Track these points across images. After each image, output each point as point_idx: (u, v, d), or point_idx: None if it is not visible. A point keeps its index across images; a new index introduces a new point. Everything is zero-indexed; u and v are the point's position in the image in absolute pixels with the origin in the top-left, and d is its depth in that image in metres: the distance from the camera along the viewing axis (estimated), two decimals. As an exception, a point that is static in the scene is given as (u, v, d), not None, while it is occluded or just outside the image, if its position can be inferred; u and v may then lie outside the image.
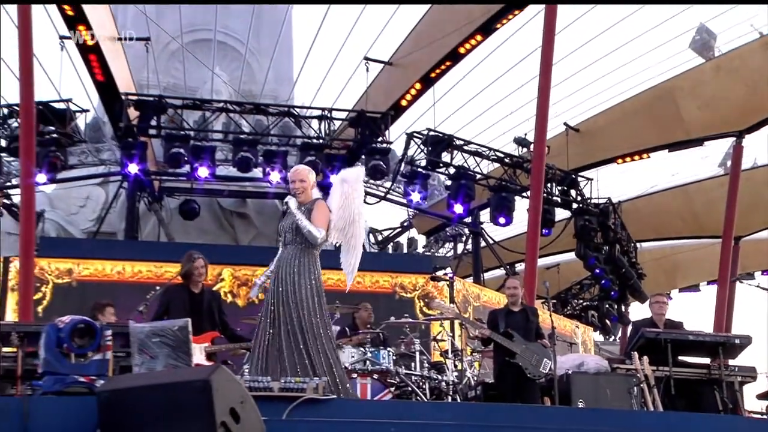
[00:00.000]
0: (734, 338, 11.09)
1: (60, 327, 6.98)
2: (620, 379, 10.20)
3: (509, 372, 10.39)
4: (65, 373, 6.95)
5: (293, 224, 7.94)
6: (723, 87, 19.06)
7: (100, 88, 17.46)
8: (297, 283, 7.90)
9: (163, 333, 7.18)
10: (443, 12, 17.22)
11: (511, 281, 11.35)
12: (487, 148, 19.19)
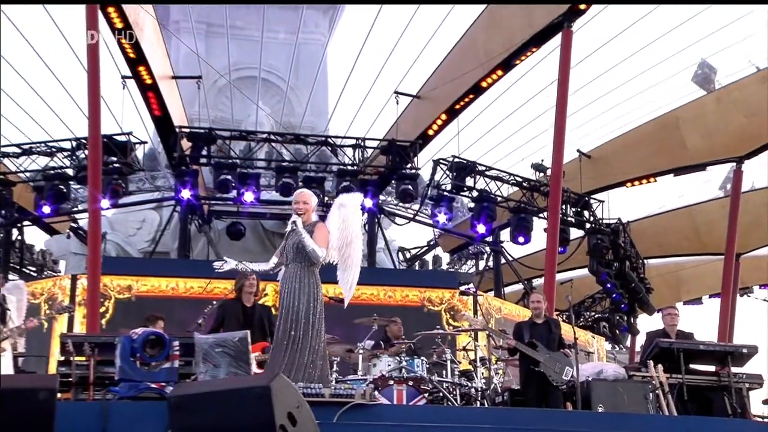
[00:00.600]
0: (742, 348, 11.05)
1: (133, 338, 7.08)
2: (637, 385, 10.16)
3: (534, 379, 10.40)
4: (138, 380, 7.04)
5: (295, 245, 8.02)
6: (723, 117, 18.93)
7: (157, 121, 17.60)
8: (299, 299, 7.97)
9: (225, 344, 7.22)
10: (466, 50, 17.21)
11: (534, 296, 11.37)
12: (507, 173, 19.16)
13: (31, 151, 17.57)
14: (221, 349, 7.20)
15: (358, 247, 8.58)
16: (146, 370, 7.03)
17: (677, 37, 17.88)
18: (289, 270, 8.10)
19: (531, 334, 10.55)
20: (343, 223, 8.36)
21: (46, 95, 19.24)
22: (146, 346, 7.07)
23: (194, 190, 17.74)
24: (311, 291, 8.08)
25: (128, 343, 7.06)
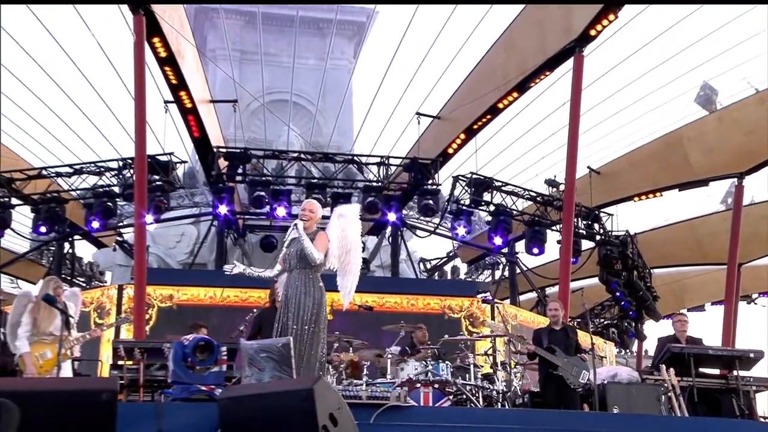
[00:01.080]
0: (749, 352, 10.98)
1: (185, 344, 7.09)
2: (650, 388, 10.10)
3: (552, 382, 10.33)
4: (190, 383, 7.06)
5: (297, 252, 7.96)
6: (724, 135, 18.80)
7: (196, 142, 17.73)
8: (303, 302, 7.89)
9: (270, 349, 7.20)
10: (484, 73, 17.24)
11: (552, 304, 11.31)
12: (522, 189, 19.12)
13: (82, 171, 17.61)
14: (266, 354, 7.19)
15: (358, 254, 8.53)
16: (196, 373, 7.01)
17: (681, 61, 17.85)
18: (293, 276, 8.04)
19: (549, 340, 10.52)
20: (342, 232, 8.35)
21: (95, 119, 19.39)
22: (196, 351, 7.08)
23: (231, 205, 17.86)
24: (315, 295, 7.99)
25: (180, 348, 7.09)
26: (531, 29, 15.80)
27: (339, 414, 6.32)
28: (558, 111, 17.92)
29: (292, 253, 8.07)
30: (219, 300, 16.32)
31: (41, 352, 8.56)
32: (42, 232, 17.72)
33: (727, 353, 11.05)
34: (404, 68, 19.29)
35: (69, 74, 18.40)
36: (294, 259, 8.02)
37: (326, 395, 6.31)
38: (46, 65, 18.23)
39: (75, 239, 19.30)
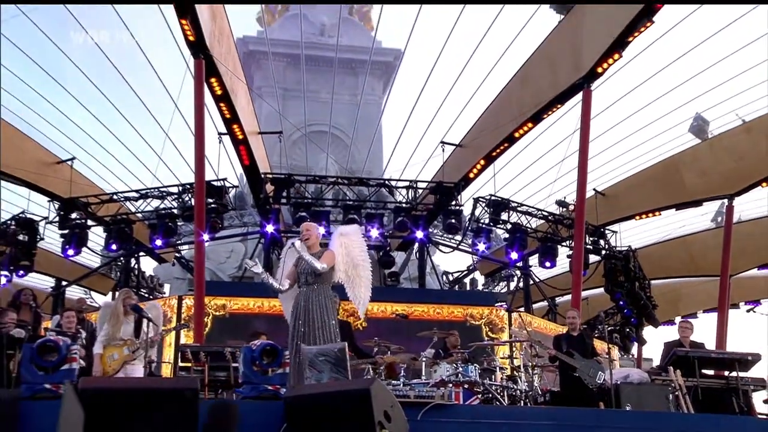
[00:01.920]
0: (747, 356, 10.90)
1: (253, 349, 7.09)
2: (658, 387, 10.06)
3: (571, 383, 10.33)
4: (258, 383, 7.06)
5: (308, 269, 7.98)
6: (715, 161, 18.75)
7: (246, 169, 17.71)
8: (315, 311, 7.91)
9: (327, 353, 7.19)
10: (501, 106, 17.18)
11: (570, 312, 11.31)
12: (536, 209, 19.12)
13: (147, 195, 17.77)
14: (324, 358, 7.17)
15: (366, 268, 8.53)
16: (263, 374, 7.02)
17: (676, 95, 17.74)
18: (307, 289, 8.05)
19: (568, 345, 10.52)
20: (345, 249, 8.35)
21: (158, 149, 19.55)
22: (263, 355, 7.09)
23: (276, 225, 17.87)
24: (325, 304, 8.04)
25: (249, 352, 7.10)
26: (544, 66, 15.75)
27: (392, 411, 6.35)
28: (568, 139, 17.89)
29: (304, 270, 8.09)
30: (266, 309, 16.32)
31: (111, 353, 8.64)
32: (113, 250, 17.82)
33: (727, 356, 10.94)
34: (429, 102, 19.35)
35: (136, 110, 18.68)
36: (308, 276, 8.05)
37: (381, 394, 6.34)
38: (117, 102, 18.53)
39: (140, 255, 19.44)
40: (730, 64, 16.50)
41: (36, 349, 6.66)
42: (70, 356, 6.76)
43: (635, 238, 21.07)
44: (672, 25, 15.21)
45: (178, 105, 17.67)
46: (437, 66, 18.10)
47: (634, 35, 13.44)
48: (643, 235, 21.95)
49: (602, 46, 13.83)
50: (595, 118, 15.40)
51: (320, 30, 23.76)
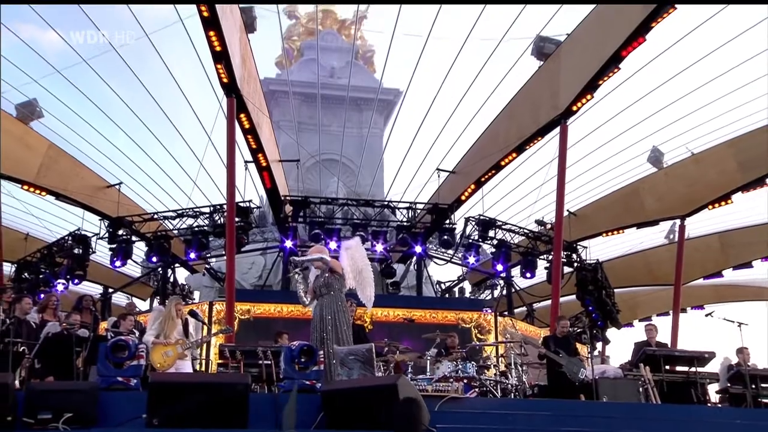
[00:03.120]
0: (705, 353, 11.01)
1: (293, 348, 7.12)
2: (631, 381, 10.18)
3: (557, 377, 10.42)
4: (297, 378, 7.06)
5: (324, 283, 8.38)
6: (670, 187, 18.90)
7: (268, 192, 17.67)
8: (327, 319, 8.22)
9: (357, 353, 7.27)
10: (490, 138, 17.21)
11: (564, 321, 11.46)
12: (518, 227, 19.14)
13: (182, 215, 17.82)
14: (354, 357, 7.25)
15: (368, 271, 8.93)
16: (301, 371, 7.06)
17: (637, 130, 17.86)
18: (323, 299, 8.39)
19: (556, 344, 10.60)
20: (351, 259, 8.72)
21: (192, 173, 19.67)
22: (301, 355, 7.12)
23: (294, 240, 17.84)
24: (339, 310, 8.34)
25: (289, 351, 7.14)
26: (527, 105, 15.82)
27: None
28: (546, 167, 17.94)
29: (319, 283, 8.47)
30: (285, 313, 16.34)
31: (165, 350, 8.67)
32: (153, 262, 17.87)
33: (688, 354, 11.05)
34: (426, 134, 19.37)
35: (173, 140, 18.81)
36: (322, 288, 8.43)
37: (406, 388, 6.40)
38: (157, 133, 18.62)
39: (175, 267, 19.41)
40: (683, 104, 16.64)
41: (110, 347, 6.70)
42: (138, 354, 6.81)
43: (602, 252, 21.07)
44: (635, 71, 15.36)
45: (210, 136, 17.81)
46: (433, 104, 18.21)
47: (603, 79, 13.61)
48: (608, 249, 21.96)
49: (576, 88, 13.98)
50: (570, 149, 15.52)
51: (330, 72, 23.82)
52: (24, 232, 19.24)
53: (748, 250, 21.53)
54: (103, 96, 16.76)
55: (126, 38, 14.64)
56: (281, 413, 6.09)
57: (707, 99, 16.24)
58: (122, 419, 6.01)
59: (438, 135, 18.66)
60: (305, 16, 26.69)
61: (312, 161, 21.86)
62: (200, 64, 15.53)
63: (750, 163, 17.48)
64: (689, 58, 15.35)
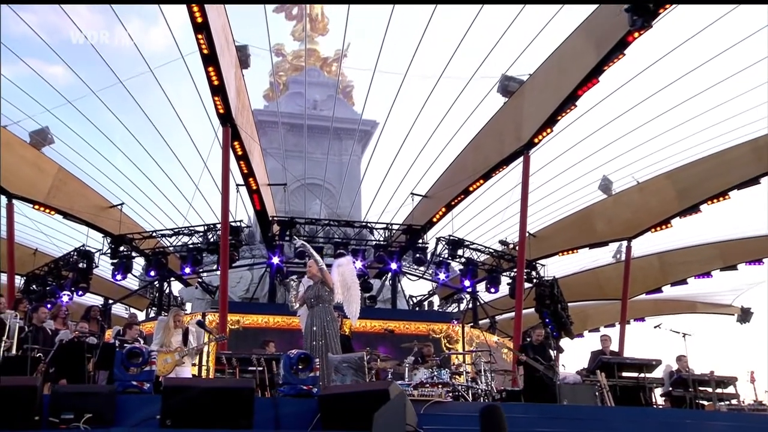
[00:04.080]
0: (652, 361, 11.18)
1: (291, 356, 7.11)
2: (588, 386, 10.23)
3: (534, 382, 10.52)
4: (295, 383, 7.06)
5: (315, 294, 8.41)
6: (618, 212, 19.18)
7: (258, 213, 17.65)
8: (323, 327, 8.24)
9: (350, 361, 7.28)
10: (459, 166, 17.27)
11: (538, 331, 11.64)
12: (484, 246, 19.24)
13: (178, 233, 17.73)
14: (347, 364, 7.27)
15: (356, 289, 9.06)
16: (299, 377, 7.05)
17: (589, 161, 18.07)
18: (315, 310, 8.39)
19: (533, 352, 10.66)
20: (341, 275, 8.83)
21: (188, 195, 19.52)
22: (299, 362, 7.12)
23: (281, 257, 17.82)
24: (330, 320, 8.34)
25: (288, 359, 7.14)
26: (493, 137, 15.92)
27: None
28: (510, 193, 18.11)
29: (311, 295, 8.49)
30: (272, 323, 16.32)
31: (165, 358, 8.66)
32: (151, 276, 17.82)
33: (638, 362, 11.20)
34: (401, 161, 19.37)
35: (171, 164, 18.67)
36: (313, 300, 8.44)
37: (397, 393, 6.41)
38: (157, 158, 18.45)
39: (171, 280, 19.23)
40: (630, 139, 16.89)
41: (126, 354, 6.67)
42: (151, 360, 6.77)
43: (558, 270, 21.21)
44: (589, 108, 15.51)
45: (206, 161, 17.77)
46: (408, 134, 18.22)
47: (561, 115, 13.81)
48: (563, 267, 22.10)
49: (538, 122, 14.16)
50: (531, 176, 15.63)
51: (313, 105, 23.92)
52: (33, 247, 19.22)
53: (683, 268, 21.98)
54: (108, 124, 16.76)
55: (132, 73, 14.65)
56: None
57: (650, 134, 16.59)
58: (137, 420, 5.98)
59: (412, 163, 18.74)
60: (291, 53, 26.89)
61: (297, 185, 21.83)
62: (198, 95, 15.54)
63: (686, 192, 17.91)
64: (636, 99, 15.62)
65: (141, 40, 14.85)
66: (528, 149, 14.77)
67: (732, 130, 16.19)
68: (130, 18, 14.75)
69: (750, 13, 13.22)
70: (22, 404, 5.46)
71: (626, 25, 11.16)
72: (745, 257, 20.88)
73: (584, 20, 12.93)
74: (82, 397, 5.89)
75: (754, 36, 13.67)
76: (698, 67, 14.60)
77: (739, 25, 13.47)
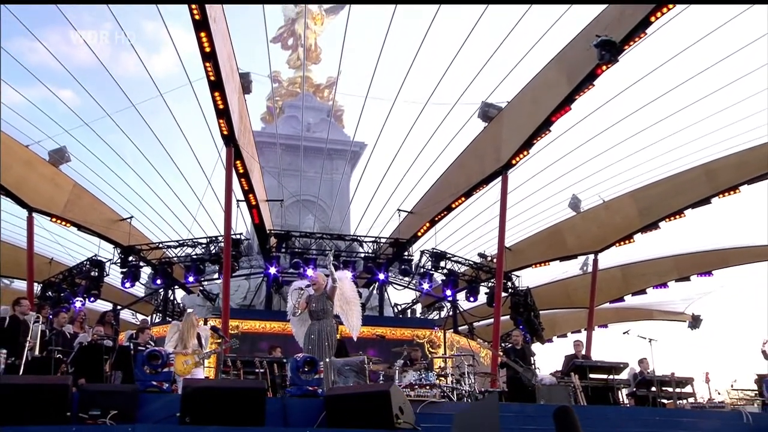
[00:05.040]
0: (620, 364, 11.36)
1: (298, 360, 7.13)
2: (563, 387, 10.39)
3: (515, 383, 10.57)
4: (301, 385, 7.08)
5: (322, 308, 8.31)
6: (586, 228, 19.37)
7: (256, 227, 17.52)
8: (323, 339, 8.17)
9: (351, 364, 7.31)
10: (443, 185, 17.29)
11: (516, 332, 11.65)
12: (464, 259, 19.28)
13: (183, 245, 17.69)
14: (349, 367, 7.30)
15: (357, 303, 9.00)
16: (305, 378, 7.07)
17: (560, 181, 18.27)
18: (321, 322, 8.29)
19: (515, 355, 10.75)
20: (340, 290, 8.71)
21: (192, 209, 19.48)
22: (305, 365, 7.14)
23: (278, 267, 17.73)
24: (332, 332, 8.28)
25: (294, 362, 7.16)
26: (474, 158, 16.00)
27: (404, 406, 6.51)
28: (489, 209, 18.15)
29: (317, 308, 8.40)
30: (268, 329, 16.23)
31: (185, 359, 8.62)
32: (158, 284, 17.68)
33: (607, 365, 11.37)
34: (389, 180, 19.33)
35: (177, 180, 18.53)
36: (320, 312, 8.35)
37: (396, 394, 6.50)
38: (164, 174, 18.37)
39: (175, 288, 19.09)
40: (597, 161, 17.10)
41: (146, 356, 6.65)
42: (168, 362, 6.76)
43: (531, 280, 21.33)
44: (561, 132, 15.65)
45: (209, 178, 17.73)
46: (396, 155, 18.24)
47: (537, 139, 14.00)
48: (536, 278, 22.25)
49: (515, 145, 14.32)
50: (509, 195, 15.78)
51: (307, 127, 24.01)
52: (49, 257, 19.12)
53: (643, 279, 22.27)
54: (119, 143, 16.71)
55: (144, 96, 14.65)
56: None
57: (616, 158, 16.81)
58: (158, 417, 5.97)
59: (399, 181, 18.75)
60: (287, 80, 26.99)
61: (291, 201, 21.80)
62: (203, 117, 15.54)
63: (647, 210, 18.23)
64: (603, 125, 15.82)
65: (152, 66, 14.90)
66: (506, 170, 14.90)
67: (688, 154, 16.57)
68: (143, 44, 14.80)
69: (701, 51, 13.56)
70: (54, 401, 5.47)
71: (596, 59, 11.40)
72: (697, 269, 21.25)
73: (558, 53, 13.17)
74: (108, 396, 5.88)
75: (704, 73, 14.01)
76: (657, 98, 14.92)
77: (689, 62, 13.82)
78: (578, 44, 12.36)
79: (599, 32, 11.21)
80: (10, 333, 7.76)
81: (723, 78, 14.07)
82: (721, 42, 13.30)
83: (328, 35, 25.70)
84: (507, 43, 14.05)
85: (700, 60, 13.87)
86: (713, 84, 14.26)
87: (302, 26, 25.42)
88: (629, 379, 11.90)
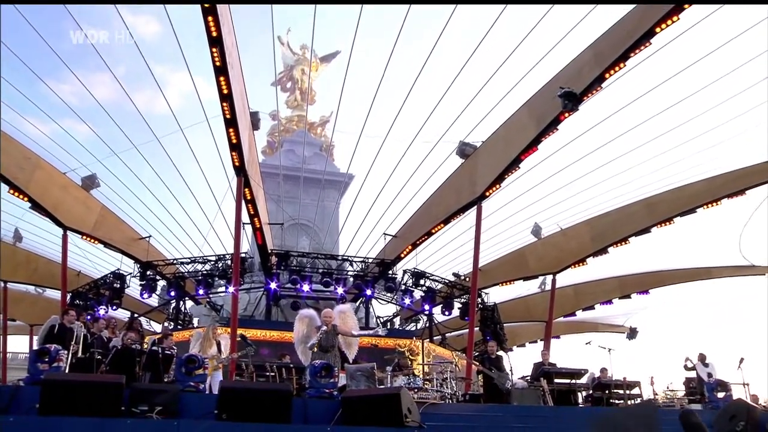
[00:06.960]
0: (581, 370, 11.52)
1: (315, 365, 7.14)
2: (533, 390, 10.44)
3: (491, 387, 10.56)
4: (319, 387, 7.08)
5: (331, 344, 8.14)
6: (546, 252, 19.58)
7: (259, 247, 17.50)
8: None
9: (363, 370, 7.33)
10: (424, 213, 17.34)
11: (491, 343, 11.66)
12: (441, 277, 19.35)
13: (195, 261, 17.60)
14: (360, 373, 7.32)
15: (356, 332, 8.91)
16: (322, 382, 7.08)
17: (525, 212, 18.49)
18: (330, 354, 8.10)
19: (490, 363, 10.83)
20: (342, 321, 8.59)
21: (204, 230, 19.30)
22: (323, 370, 7.15)
23: (278, 283, 17.70)
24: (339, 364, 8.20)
25: (313, 367, 7.17)
26: (452, 190, 16.09)
27: (411, 407, 6.57)
28: (464, 234, 18.32)
29: (328, 344, 8.22)
30: (269, 337, 16.09)
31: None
32: (171, 296, 17.49)
33: (571, 371, 11.51)
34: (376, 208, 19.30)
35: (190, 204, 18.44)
36: (330, 347, 8.19)
37: (405, 396, 6.56)
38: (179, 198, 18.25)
39: (186, 300, 18.85)
40: (556, 195, 17.46)
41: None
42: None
43: (498, 297, 21.56)
44: (527, 169, 15.87)
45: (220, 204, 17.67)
46: (384, 186, 18.27)
47: (508, 175, 14.24)
48: (503, 295, 22.46)
49: (489, 179, 14.52)
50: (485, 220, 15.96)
51: (302, 160, 24.10)
52: (77, 270, 19.02)
53: (592, 297, 22.58)
54: (142, 170, 16.57)
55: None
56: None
57: (573, 192, 17.22)
58: (198, 413, 5.95)
59: (386, 209, 18.81)
60: (284, 119, 27.10)
61: (289, 224, 21.78)
62: (216, 149, 15.56)
63: (598, 237, 18.58)
64: (564, 162, 16.10)
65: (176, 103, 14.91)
66: (481, 200, 15.07)
67: (633, 190, 17.08)
68: (168, 83, 14.79)
69: (646, 103, 14.04)
70: (110, 397, 5.45)
71: (560, 107, 11.77)
72: (637, 288, 21.65)
73: (527, 100, 13.50)
74: (154, 393, 5.86)
75: (648, 122, 14.49)
76: (609, 142, 15.31)
77: (636, 112, 14.29)
78: (545, 93, 12.73)
79: (563, 84, 11.62)
80: (60, 338, 7.71)
81: (663, 126, 14.63)
82: (661, 96, 13.83)
83: (322, 80, 25.97)
84: (484, 90, 14.30)
85: (644, 111, 14.38)
86: (654, 131, 14.82)
87: (299, 72, 25.66)
88: (588, 383, 12.09)
